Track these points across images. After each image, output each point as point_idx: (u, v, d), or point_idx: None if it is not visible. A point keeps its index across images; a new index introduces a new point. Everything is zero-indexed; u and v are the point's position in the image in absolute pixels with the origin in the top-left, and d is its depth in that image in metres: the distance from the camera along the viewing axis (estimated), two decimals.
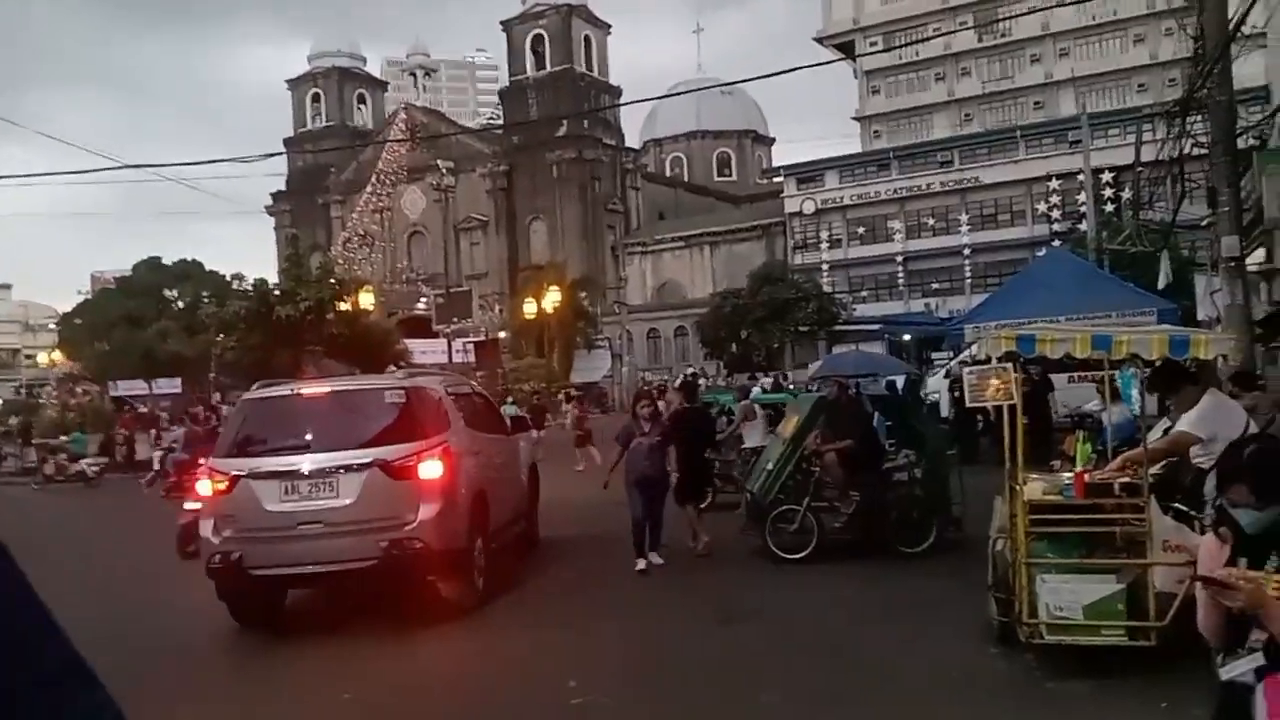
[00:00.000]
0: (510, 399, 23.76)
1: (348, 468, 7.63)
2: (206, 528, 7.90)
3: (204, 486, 8.09)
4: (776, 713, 5.74)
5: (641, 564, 9.65)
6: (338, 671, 6.79)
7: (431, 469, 7.80)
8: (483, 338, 50.78)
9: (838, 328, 50.34)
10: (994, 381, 6.25)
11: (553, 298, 40.18)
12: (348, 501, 7.57)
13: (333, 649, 7.42)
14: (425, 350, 42.16)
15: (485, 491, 8.68)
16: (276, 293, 31.88)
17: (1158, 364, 6.04)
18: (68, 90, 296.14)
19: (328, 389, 8.68)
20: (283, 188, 78.68)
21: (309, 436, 7.94)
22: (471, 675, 6.96)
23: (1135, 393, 6.36)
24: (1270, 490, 2.86)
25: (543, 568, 10.38)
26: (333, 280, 33.24)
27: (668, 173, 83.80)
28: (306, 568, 7.64)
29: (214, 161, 70.66)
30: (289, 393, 8.48)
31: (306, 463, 7.68)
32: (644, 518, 9.75)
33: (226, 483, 7.75)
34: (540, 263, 57.38)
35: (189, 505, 10.36)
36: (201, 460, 9.17)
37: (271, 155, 31.65)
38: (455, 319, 50.59)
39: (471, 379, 15.99)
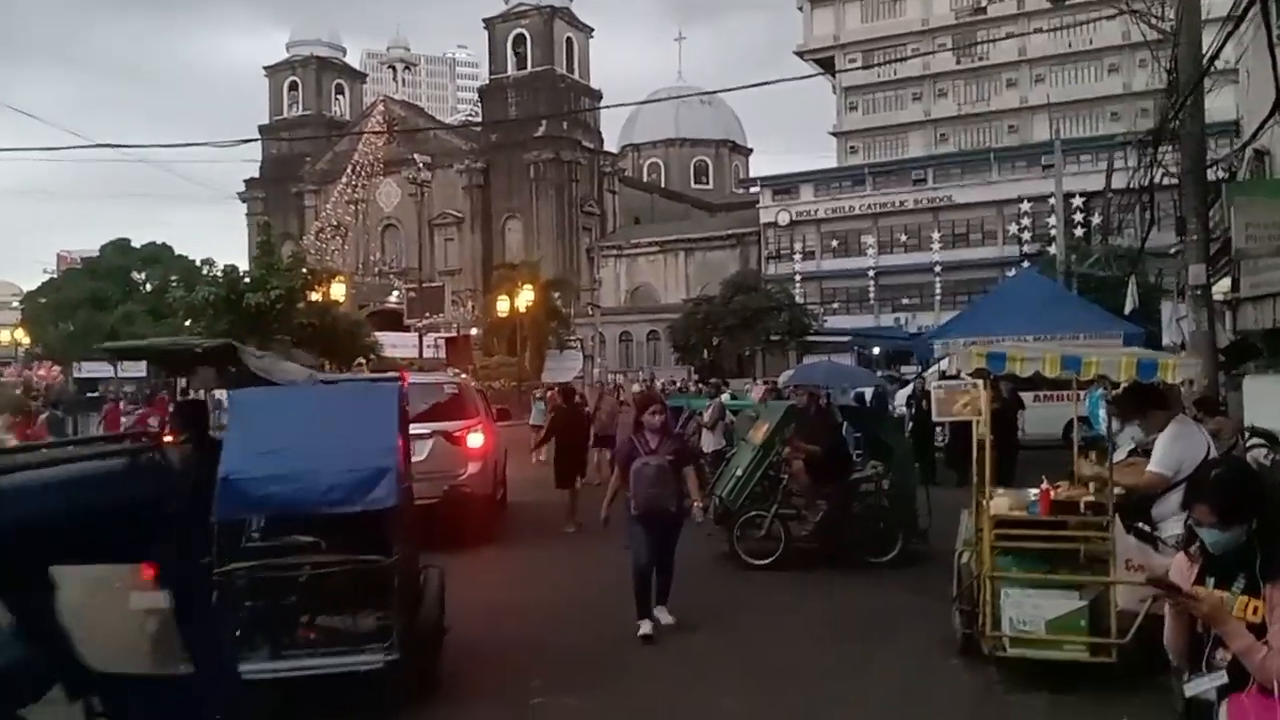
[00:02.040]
0: (539, 396, 24.07)
1: (420, 435, 10.24)
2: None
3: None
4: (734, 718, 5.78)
5: (646, 627, 7.41)
6: None
7: (475, 439, 11.54)
8: (454, 334, 50.53)
9: (809, 338, 50.61)
10: (962, 397, 6.34)
11: (526, 296, 40.02)
12: (421, 458, 10.08)
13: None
14: (395, 344, 41.86)
15: (500, 458, 12.31)
16: (247, 280, 31.53)
17: (1125, 386, 6.16)
18: (40, 67, 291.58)
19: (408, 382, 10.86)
20: (256, 175, 77.96)
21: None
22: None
23: (1102, 413, 6.46)
24: (1232, 512, 2.94)
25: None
26: (304, 270, 32.94)
27: (645, 178, 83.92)
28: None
29: (188, 145, 70.20)
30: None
31: None
32: (649, 564, 7.52)
33: None
34: (515, 261, 57.16)
35: None
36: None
37: (246, 141, 31.46)
38: (427, 314, 50.33)
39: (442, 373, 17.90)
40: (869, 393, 19.23)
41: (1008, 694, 6.00)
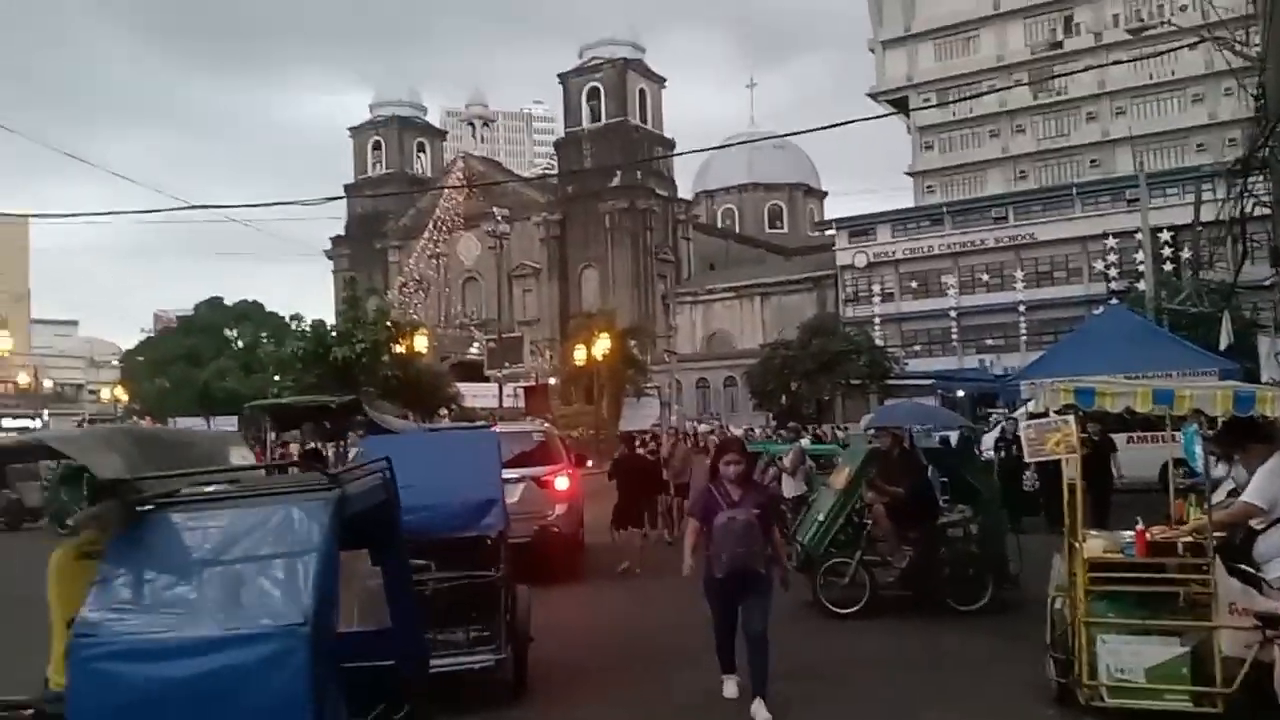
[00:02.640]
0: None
1: (513, 480, 10.91)
2: None
3: None
4: None
5: (730, 688, 6.96)
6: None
7: (562, 483, 12.52)
8: (533, 383, 51.09)
9: (890, 381, 49.87)
10: (1054, 435, 6.19)
11: (603, 345, 40.32)
12: (514, 500, 10.47)
13: None
14: (476, 394, 42.47)
15: (581, 500, 13.10)
16: (333, 334, 32.44)
17: (1224, 421, 5.95)
18: (137, 131, 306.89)
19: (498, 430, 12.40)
20: (342, 232, 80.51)
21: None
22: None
23: (1199, 450, 6.24)
24: None
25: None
26: (388, 323, 33.76)
27: (719, 224, 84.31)
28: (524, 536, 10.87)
29: (277, 204, 72.69)
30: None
31: None
32: (730, 632, 6.82)
33: None
34: (591, 310, 57.75)
35: None
36: None
37: (332, 199, 32.50)
38: (506, 364, 50.96)
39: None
40: (954, 436, 18.80)
41: None
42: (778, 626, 9.35)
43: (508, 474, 10.07)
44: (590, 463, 25.21)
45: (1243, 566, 5.87)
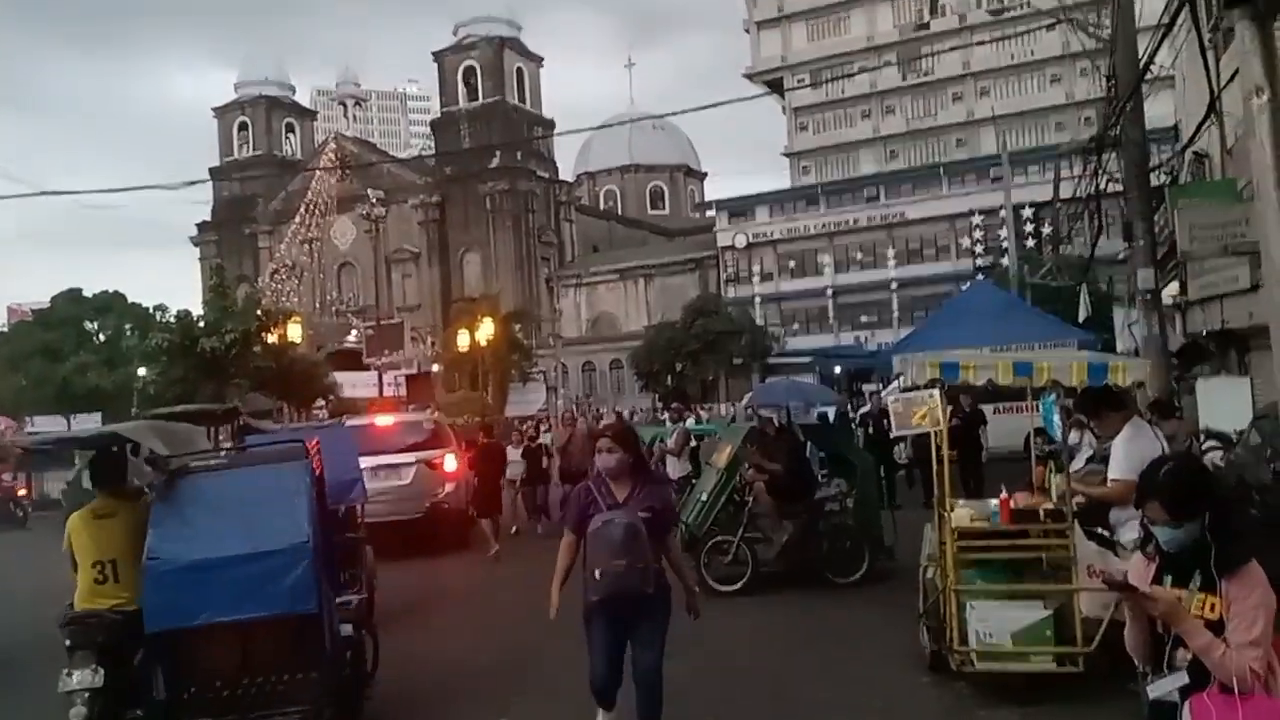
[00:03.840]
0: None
1: (407, 463, 13.20)
2: None
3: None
4: None
5: None
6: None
7: (451, 463, 13.80)
8: (415, 371, 50.12)
9: (771, 360, 50.82)
10: (920, 408, 6.32)
11: (486, 330, 39.75)
12: (407, 481, 13.03)
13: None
14: (355, 383, 41.37)
15: (468, 480, 13.87)
16: (201, 325, 31.06)
17: (1080, 391, 6.16)
18: None
19: (392, 420, 14.88)
20: (209, 218, 77.20)
21: (385, 446, 13.05)
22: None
23: (1056, 420, 6.46)
24: (1183, 508, 2.90)
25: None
26: (259, 312, 32.53)
27: (601, 205, 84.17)
28: (390, 516, 12.09)
29: (135, 189, 69.33)
30: (367, 423, 14.20)
31: (386, 460, 12.76)
32: (610, 677, 5.07)
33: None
34: (473, 295, 56.98)
35: None
36: None
37: (195, 183, 31.08)
38: (386, 351, 49.86)
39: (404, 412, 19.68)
40: (832, 412, 19.21)
41: (978, 709, 5.93)
42: None
43: (403, 458, 13.11)
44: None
45: (1100, 531, 6.11)
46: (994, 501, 6.36)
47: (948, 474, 6.45)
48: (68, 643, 5.30)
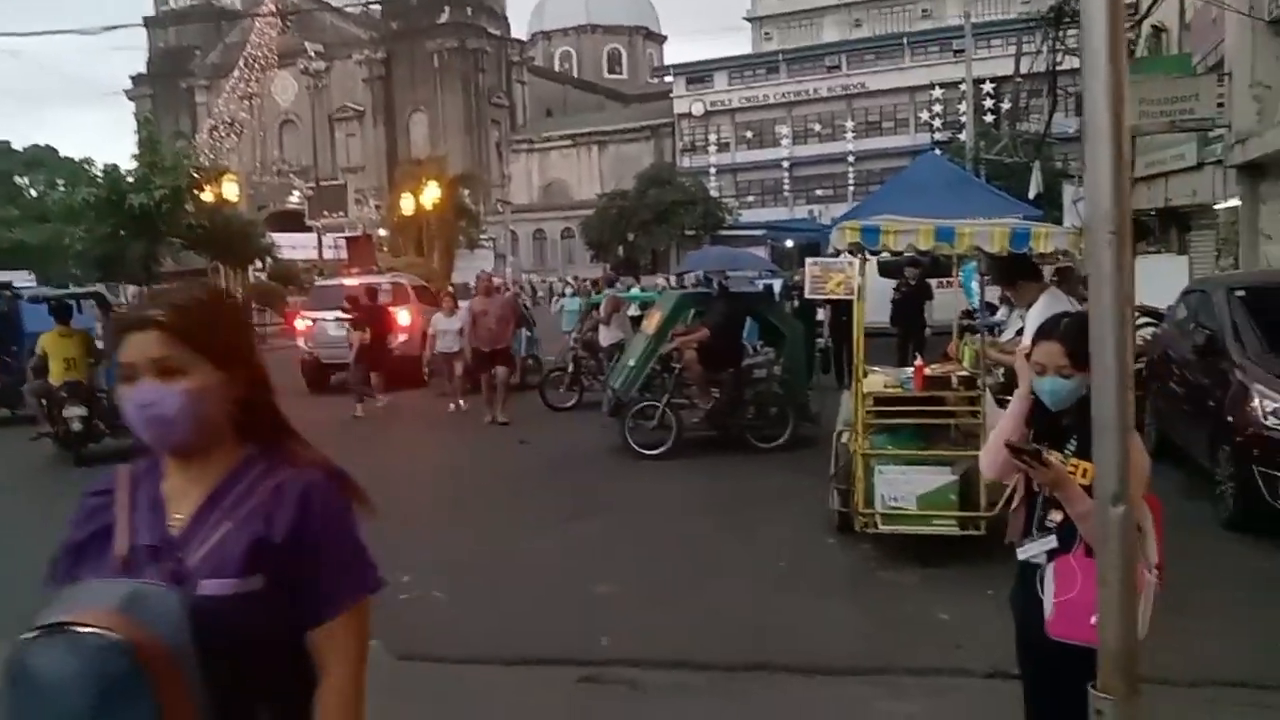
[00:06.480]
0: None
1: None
2: (301, 342, 17.17)
3: (300, 324, 17.37)
4: (606, 603, 5.64)
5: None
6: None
7: (405, 317, 16.20)
8: (358, 233, 48.80)
9: (723, 232, 50.34)
10: (836, 275, 6.14)
11: (432, 194, 38.56)
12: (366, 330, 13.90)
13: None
14: (295, 245, 40.28)
15: (421, 332, 15.18)
16: (130, 180, 29.70)
17: (997, 258, 6.01)
18: None
19: (355, 281, 17.13)
20: (144, 70, 73.58)
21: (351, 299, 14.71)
22: None
23: (975, 286, 6.33)
24: (1081, 356, 2.74)
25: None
26: (191, 167, 31.18)
27: (556, 68, 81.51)
28: (345, 359, 14.31)
29: (56, 33, 65.23)
30: (337, 284, 18.03)
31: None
32: None
33: (312, 321, 16.75)
34: (420, 157, 55.17)
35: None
36: None
37: (115, 28, 29.15)
38: (328, 213, 48.48)
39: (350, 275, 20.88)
40: (779, 284, 19.04)
41: (879, 570, 5.97)
42: (585, 470, 9.41)
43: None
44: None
45: (1010, 399, 6.05)
46: (909, 369, 6.28)
47: (860, 340, 6.31)
48: (63, 394, 10.41)
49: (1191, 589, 4.43)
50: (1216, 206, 15.37)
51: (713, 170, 60.05)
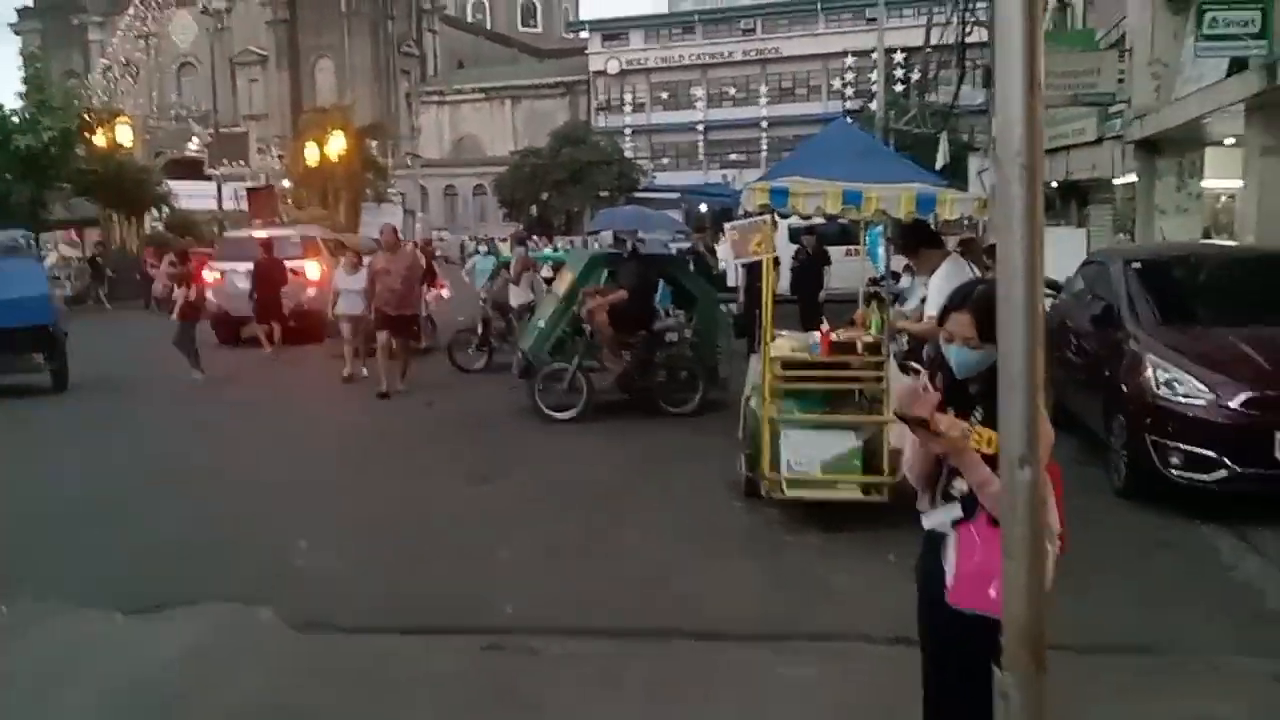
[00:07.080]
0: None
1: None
2: (210, 295, 15.35)
3: (209, 275, 16.07)
4: (507, 567, 5.57)
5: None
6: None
7: (314, 270, 16.53)
8: (261, 184, 47.11)
9: (637, 194, 50.12)
10: (755, 235, 6.10)
11: (338, 144, 37.38)
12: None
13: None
14: (192, 194, 38.64)
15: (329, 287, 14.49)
16: (15, 120, 28.07)
17: (901, 225, 6.05)
18: None
19: (266, 234, 17.54)
20: (30, 3, 69.44)
21: (257, 253, 15.54)
22: None
23: (880, 251, 6.36)
24: (991, 326, 2.73)
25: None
26: (83, 109, 29.60)
27: (469, 18, 79.60)
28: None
29: None
30: (247, 235, 18.50)
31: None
32: None
33: (220, 274, 16.50)
34: (325, 105, 53.35)
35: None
36: None
37: None
38: (228, 161, 46.58)
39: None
40: (686, 245, 19.05)
41: (784, 534, 6.01)
42: (493, 432, 9.26)
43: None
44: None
45: (915, 365, 6.13)
46: (816, 334, 6.30)
47: (769, 304, 6.30)
48: None
49: (1084, 554, 4.54)
50: (1115, 181, 15.83)
51: (628, 131, 59.68)
